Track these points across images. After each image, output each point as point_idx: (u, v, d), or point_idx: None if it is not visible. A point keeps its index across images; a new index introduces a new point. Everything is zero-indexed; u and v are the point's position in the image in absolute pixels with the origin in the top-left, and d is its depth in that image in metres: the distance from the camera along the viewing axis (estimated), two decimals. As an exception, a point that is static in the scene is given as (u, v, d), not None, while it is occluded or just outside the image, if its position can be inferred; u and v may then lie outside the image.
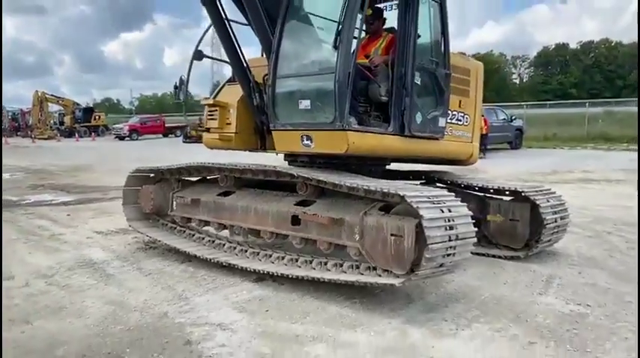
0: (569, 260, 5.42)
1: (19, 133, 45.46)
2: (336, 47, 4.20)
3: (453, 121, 5.36)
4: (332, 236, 4.37)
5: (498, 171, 13.08)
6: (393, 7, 5.13)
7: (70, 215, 8.50)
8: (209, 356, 3.31)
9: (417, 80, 4.65)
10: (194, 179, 6.17)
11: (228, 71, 5.95)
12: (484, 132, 18.36)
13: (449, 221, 3.79)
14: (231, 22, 5.14)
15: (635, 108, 28.39)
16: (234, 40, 5.19)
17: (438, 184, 5.98)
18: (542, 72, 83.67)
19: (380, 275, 4.07)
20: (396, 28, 4.79)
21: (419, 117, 4.76)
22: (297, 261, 4.72)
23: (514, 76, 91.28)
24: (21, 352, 3.42)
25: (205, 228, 5.71)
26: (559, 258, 5.48)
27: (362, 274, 4.19)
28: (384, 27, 5.25)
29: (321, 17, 4.83)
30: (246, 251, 5.19)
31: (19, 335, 3.70)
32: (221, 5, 5.04)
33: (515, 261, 5.33)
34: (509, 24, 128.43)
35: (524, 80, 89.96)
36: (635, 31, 74.51)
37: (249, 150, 5.73)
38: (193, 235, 5.80)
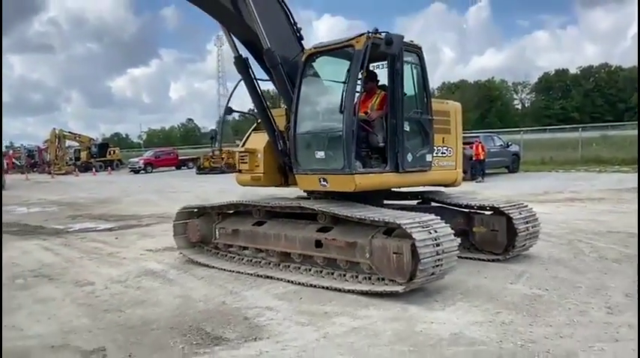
0: (540, 260, 6.65)
1: (35, 169, 47.21)
2: (341, 112, 5.61)
3: (438, 155, 6.71)
4: (348, 255, 5.70)
5: (494, 193, 14.30)
6: (383, 65, 6.47)
7: (118, 238, 9.82)
8: (263, 325, 4.58)
9: (407, 127, 6.02)
10: (231, 212, 7.42)
11: (233, 106, 7.43)
12: (482, 157, 19.71)
13: (436, 240, 5.10)
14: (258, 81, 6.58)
15: (630, 132, 29.75)
16: (261, 96, 6.62)
17: (432, 203, 7.27)
18: (543, 97, 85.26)
19: (387, 284, 5.33)
20: (386, 85, 6.16)
21: (410, 157, 6.12)
22: (321, 272, 6.00)
23: (516, 102, 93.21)
24: (124, 328, 4.70)
25: (244, 251, 6.98)
26: (532, 259, 6.71)
27: (373, 284, 5.44)
28: (377, 84, 6.61)
29: (329, 82, 6.26)
30: (278, 265, 6.45)
31: (117, 318, 4.98)
32: (252, 69, 6.49)
33: (496, 262, 6.56)
34: (510, 50, 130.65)
35: (526, 105, 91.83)
36: (634, 54, 76.18)
37: (275, 186, 7.07)
38: (234, 257, 7.06)
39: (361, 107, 6.13)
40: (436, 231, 5.18)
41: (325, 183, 5.94)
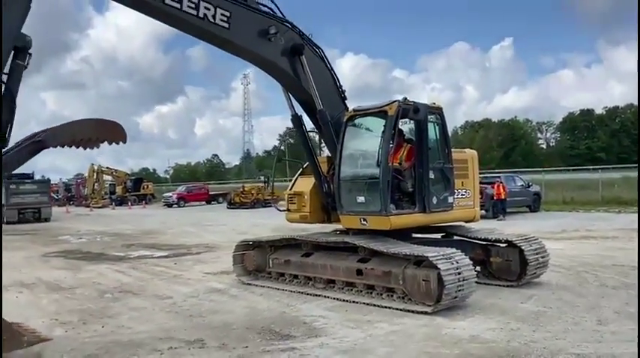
0: (548, 286, 7.73)
1: (72, 202, 49.49)
2: (378, 165, 6.97)
3: (459, 196, 7.96)
4: (384, 282, 6.94)
5: (513, 230, 15.29)
6: (409, 121, 7.77)
7: (176, 263, 11.18)
8: (320, 327, 5.81)
9: (431, 175, 7.33)
10: (282, 245, 8.67)
11: (257, 142, 8.91)
12: (503, 197, 20.73)
13: (457, 270, 6.33)
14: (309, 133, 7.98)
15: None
16: (311, 147, 7.99)
17: (455, 237, 8.44)
18: (568, 137, 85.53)
19: (417, 305, 6.50)
20: (411, 137, 7.49)
21: (434, 199, 7.40)
22: (361, 292, 7.20)
23: (540, 141, 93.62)
24: (210, 327, 5.97)
25: (295, 280, 8.21)
26: (542, 285, 7.79)
27: (406, 303, 6.62)
28: (404, 138, 7.87)
29: (366, 137, 7.62)
30: (325, 288, 7.65)
31: (202, 321, 6.27)
32: (304, 125, 7.91)
33: (510, 288, 7.66)
34: (534, 89, 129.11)
35: (551, 145, 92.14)
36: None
37: (319, 223, 8.34)
38: (286, 281, 8.29)
39: (392, 158, 7.47)
40: (457, 262, 6.42)
41: (365, 222, 7.22)
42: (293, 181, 8.78)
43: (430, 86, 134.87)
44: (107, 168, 48.70)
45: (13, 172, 20.22)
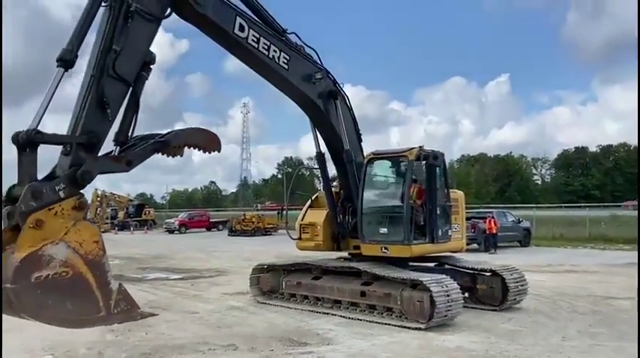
0: (526, 311, 8.86)
1: (74, 226, 50.22)
2: (402, 201, 8.30)
3: (452, 230, 9.17)
4: (384, 302, 8.08)
5: (502, 263, 16.46)
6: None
7: (193, 285, 12.26)
8: (331, 337, 6.93)
9: (438, 211, 8.60)
10: (293, 269, 9.80)
11: (254, 170, 10.18)
12: (494, 231, 21.93)
13: (447, 293, 7.48)
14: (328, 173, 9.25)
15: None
16: (330, 182, 9.22)
17: (446, 266, 9.60)
18: (563, 174, 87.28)
19: (413, 322, 7.62)
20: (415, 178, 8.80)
21: (440, 232, 8.66)
22: (364, 311, 8.32)
23: (536, 177, 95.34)
24: (237, 336, 7.07)
25: (305, 300, 9.32)
26: (521, 310, 8.93)
27: (403, 321, 7.74)
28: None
29: (387, 176, 8.94)
30: (332, 307, 8.76)
31: (229, 331, 7.37)
32: (326, 162, 9.16)
33: (493, 311, 8.79)
34: (529, 125, 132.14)
35: (546, 180, 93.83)
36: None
37: (330, 251, 9.47)
38: (297, 301, 9.41)
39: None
40: (447, 286, 7.58)
41: (386, 250, 8.46)
42: (303, 212, 9.94)
43: (427, 119, 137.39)
44: (111, 193, 49.81)
45: None
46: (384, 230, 8.53)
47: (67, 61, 4.97)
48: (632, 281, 11.46)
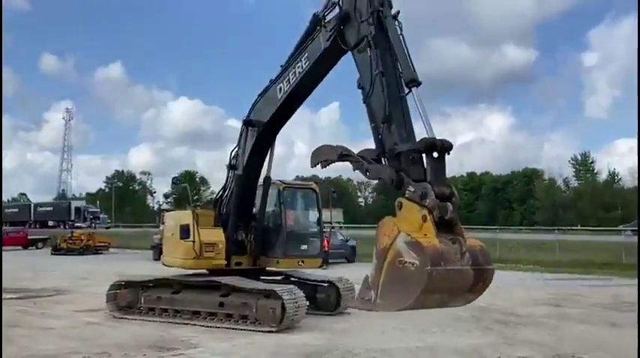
0: (355, 315, 10.67)
1: None
2: (317, 225, 10.09)
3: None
4: (241, 311, 9.16)
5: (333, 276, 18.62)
6: None
7: (36, 304, 11.91)
8: (195, 342, 7.81)
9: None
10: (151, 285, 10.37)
11: (74, 182, 10.78)
12: (326, 249, 24.25)
13: (295, 300, 8.88)
14: None
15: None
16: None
17: (291, 279, 11.05)
18: (383, 197, 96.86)
19: (266, 326, 8.82)
20: None
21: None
22: (221, 320, 9.29)
23: (360, 200, 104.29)
24: (105, 345, 7.56)
25: (164, 313, 9.94)
26: (351, 314, 10.71)
27: (256, 326, 8.91)
28: None
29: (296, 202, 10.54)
30: (191, 318, 9.58)
31: (95, 343, 7.79)
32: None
33: (329, 316, 10.43)
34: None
35: (369, 203, 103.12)
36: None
37: (221, 268, 10.04)
38: (156, 314, 9.98)
39: None
40: (295, 295, 8.98)
41: (303, 263, 10.11)
42: (193, 232, 9.63)
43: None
44: None
45: None
46: (304, 247, 10.40)
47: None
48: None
